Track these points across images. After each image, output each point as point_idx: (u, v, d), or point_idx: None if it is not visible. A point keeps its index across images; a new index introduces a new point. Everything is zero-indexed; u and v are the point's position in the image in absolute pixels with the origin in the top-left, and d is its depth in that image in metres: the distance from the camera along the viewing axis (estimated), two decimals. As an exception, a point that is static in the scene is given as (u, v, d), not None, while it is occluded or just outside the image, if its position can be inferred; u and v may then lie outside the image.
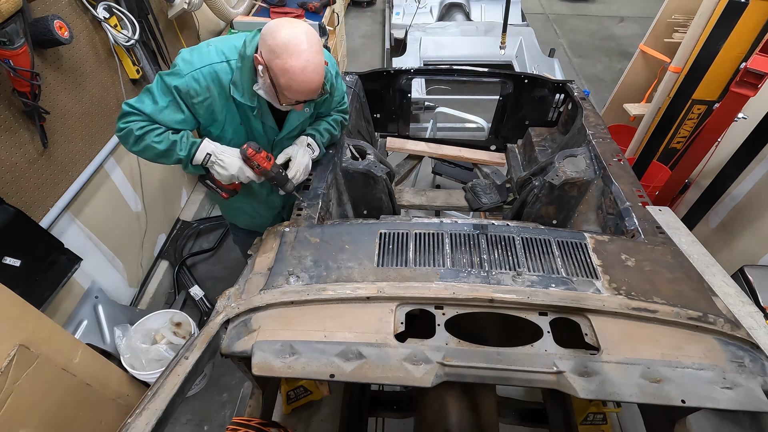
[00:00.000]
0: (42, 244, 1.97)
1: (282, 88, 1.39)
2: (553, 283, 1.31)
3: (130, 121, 1.47)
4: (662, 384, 1.09)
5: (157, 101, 1.47)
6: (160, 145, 1.49)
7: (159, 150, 1.50)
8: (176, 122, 1.52)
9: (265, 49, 1.36)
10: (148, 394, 1.09)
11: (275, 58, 1.34)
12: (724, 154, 2.56)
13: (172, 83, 1.46)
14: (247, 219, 2.11)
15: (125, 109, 1.48)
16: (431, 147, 2.92)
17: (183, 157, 1.54)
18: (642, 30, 4.53)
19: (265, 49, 1.36)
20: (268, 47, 1.35)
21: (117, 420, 1.98)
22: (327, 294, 1.28)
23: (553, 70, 4.38)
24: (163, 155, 1.53)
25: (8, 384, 1.47)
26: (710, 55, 2.58)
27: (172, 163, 1.58)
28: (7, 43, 1.65)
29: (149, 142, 1.48)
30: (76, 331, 2.25)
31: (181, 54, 1.49)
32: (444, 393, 1.65)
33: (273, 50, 1.34)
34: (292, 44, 1.32)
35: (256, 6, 3.94)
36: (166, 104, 1.48)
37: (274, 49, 1.33)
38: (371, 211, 2.20)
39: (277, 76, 1.37)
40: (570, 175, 1.92)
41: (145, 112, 1.47)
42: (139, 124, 1.47)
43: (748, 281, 2.28)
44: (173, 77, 1.46)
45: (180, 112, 1.51)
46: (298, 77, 1.35)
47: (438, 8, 5.58)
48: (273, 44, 1.33)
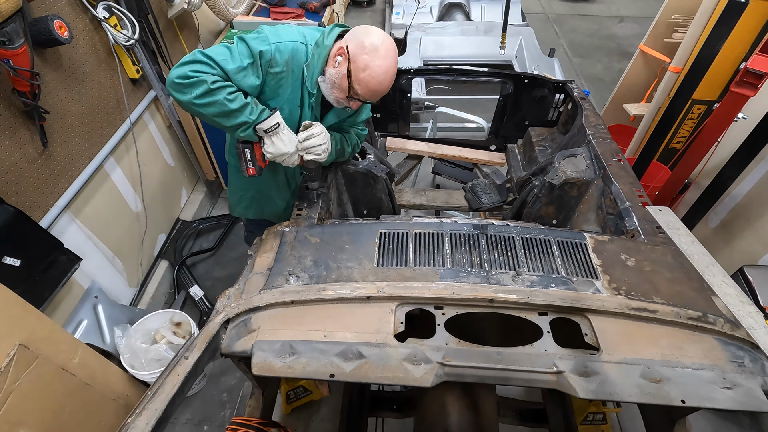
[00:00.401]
0: (42, 243, 1.96)
1: (358, 81, 1.48)
2: (553, 283, 1.31)
3: (203, 71, 1.41)
4: (662, 384, 1.09)
5: (238, 61, 1.46)
6: (232, 104, 1.45)
7: (229, 108, 1.46)
8: (249, 86, 1.51)
9: (354, 42, 1.46)
10: (148, 394, 1.09)
11: (363, 53, 1.44)
12: (724, 154, 2.56)
13: (257, 47, 1.47)
14: (259, 209, 2.12)
15: (199, 57, 1.42)
16: (431, 147, 2.92)
17: (251, 121, 1.51)
18: (642, 30, 4.53)
19: (354, 42, 1.46)
20: (359, 42, 1.46)
21: (117, 420, 1.98)
22: (327, 294, 1.28)
23: (553, 70, 4.38)
24: (229, 114, 1.48)
25: (8, 384, 1.47)
26: (710, 55, 2.58)
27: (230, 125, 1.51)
28: (7, 43, 1.65)
29: (221, 98, 1.43)
30: (75, 330, 2.25)
31: (264, 27, 1.54)
32: (444, 393, 1.65)
33: (364, 46, 1.45)
34: (382, 48, 1.45)
35: (256, 6, 3.94)
36: (246, 66, 1.47)
37: (365, 45, 1.45)
38: (371, 211, 2.20)
39: (359, 70, 1.46)
40: (570, 175, 1.92)
41: (225, 67, 1.44)
42: (213, 77, 1.42)
43: (747, 281, 2.28)
44: (260, 42, 1.48)
45: (256, 77, 1.51)
46: (378, 76, 1.47)
47: (438, 8, 5.57)
48: (366, 41, 1.45)
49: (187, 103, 1.44)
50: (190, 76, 1.40)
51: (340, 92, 1.55)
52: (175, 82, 1.41)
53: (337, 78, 1.52)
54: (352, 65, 1.46)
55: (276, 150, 1.59)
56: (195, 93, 1.42)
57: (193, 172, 3.56)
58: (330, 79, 1.54)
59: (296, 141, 1.61)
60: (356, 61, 1.45)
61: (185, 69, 1.40)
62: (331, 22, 4.16)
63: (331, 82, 1.54)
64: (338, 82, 1.52)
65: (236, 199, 2.11)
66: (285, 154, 1.61)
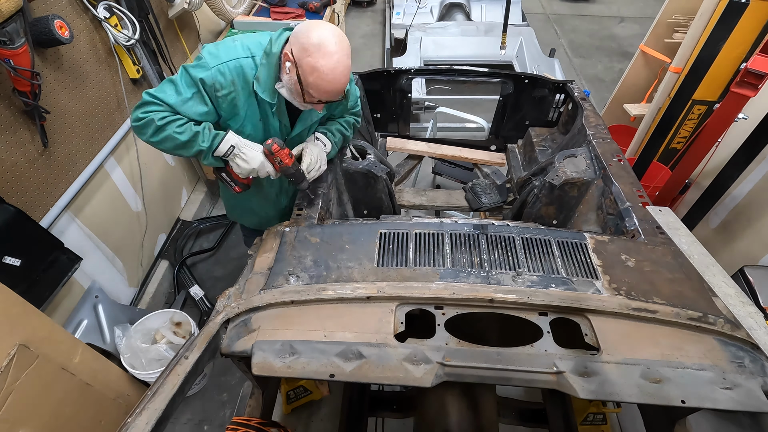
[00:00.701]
0: (42, 243, 1.97)
1: (309, 86, 1.42)
2: (553, 284, 1.31)
3: (150, 111, 1.45)
4: (662, 384, 1.09)
5: (181, 92, 1.47)
6: (181, 136, 1.48)
7: (180, 141, 1.48)
8: (199, 114, 1.51)
9: (296, 46, 1.39)
10: (148, 394, 1.09)
11: (306, 56, 1.37)
12: (724, 155, 2.56)
13: (197, 75, 1.45)
14: (254, 219, 2.12)
15: (146, 99, 1.46)
16: (431, 147, 2.91)
17: (205, 149, 1.53)
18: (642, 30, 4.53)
19: (296, 46, 1.39)
20: (300, 45, 1.38)
21: (117, 419, 1.98)
22: (327, 294, 1.28)
23: (553, 70, 4.38)
24: (183, 146, 1.51)
25: (8, 383, 1.47)
26: (710, 55, 2.57)
27: (190, 155, 1.55)
28: (8, 43, 1.65)
29: (171, 132, 1.46)
30: (76, 330, 2.25)
31: (207, 48, 1.51)
32: (444, 393, 1.65)
33: (305, 48, 1.37)
34: (324, 44, 1.36)
35: (256, 6, 3.94)
36: (190, 96, 1.48)
37: (306, 48, 1.37)
38: (371, 211, 2.20)
39: (306, 74, 1.39)
40: (570, 175, 1.92)
41: (168, 102, 1.46)
42: (161, 114, 1.45)
43: (748, 281, 2.28)
44: (199, 69, 1.46)
45: (203, 105, 1.51)
46: (327, 76, 1.39)
47: (438, 8, 5.57)
48: (306, 43, 1.37)
49: (147, 142, 1.51)
50: (141, 117, 1.46)
51: (299, 98, 1.50)
52: (133, 126, 1.50)
53: (291, 85, 1.47)
54: (299, 70, 1.40)
55: (242, 170, 1.61)
56: (148, 132, 1.47)
57: (193, 172, 3.57)
58: (286, 86, 1.49)
59: (260, 153, 1.60)
60: (302, 65, 1.38)
61: (136, 113, 1.47)
62: (332, 22, 4.16)
63: (287, 89, 1.50)
64: (293, 88, 1.47)
65: (230, 206, 2.17)
66: (253, 170, 1.61)
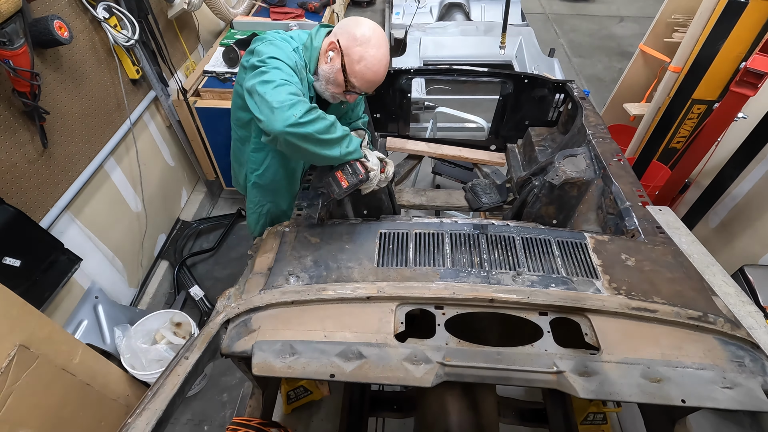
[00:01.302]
0: (42, 244, 1.96)
1: (354, 74, 1.47)
2: (553, 283, 1.31)
3: (295, 93, 1.32)
4: (662, 384, 1.09)
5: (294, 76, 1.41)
6: (338, 132, 1.39)
7: (336, 136, 1.39)
8: None
9: (345, 36, 1.44)
10: (149, 394, 1.09)
11: (356, 45, 1.43)
12: (723, 154, 2.56)
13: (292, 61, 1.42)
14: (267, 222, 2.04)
15: (291, 96, 1.30)
16: (431, 147, 2.91)
17: (353, 150, 1.45)
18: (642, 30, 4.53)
19: (345, 36, 1.44)
20: (350, 35, 1.44)
21: (117, 420, 1.98)
22: (327, 294, 1.28)
23: (553, 69, 4.37)
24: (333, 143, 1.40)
25: (8, 384, 1.47)
26: (710, 54, 2.57)
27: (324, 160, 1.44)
28: (7, 43, 1.65)
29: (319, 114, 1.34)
30: (76, 331, 2.25)
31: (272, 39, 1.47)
32: (444, 393, 1.65)
33: (356, 38, 1.43)
34: (375, 37, 1.44)
35: (256, 6, 3.94)
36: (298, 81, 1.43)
37: (357, 37, 1.43)
38: (371, 211, 2.20)
39: (354, 62, 1.44)
40: (570, 175, 1.92)
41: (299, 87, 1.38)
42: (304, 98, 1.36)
43: (748, 281, 2.28)
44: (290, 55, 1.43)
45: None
46: (374, 66, 1.46)
47: (438, 8, 5.57)
48: (357, 33, 1.43)
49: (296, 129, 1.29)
50: (311, 116, 1.31)
51: (336, 87, 1.53)
52: (279, 108, 1.28)
53: (331, 73, 1.50)
54: (345, 58, 1.45)
55: (374, 160, 1.54)
56: (321, 128, 1.33)
57: (193, 172, 3.56)
58: (324, 75, 1.52)
59: None
60: (350, 53, 1.44)
61: (304, 113, 1.29)
62: (332, 22, 4.17)
63: (325, 78, 1.53)
64: (333, 77, 1.50)
65: (255, 218, 1.98)
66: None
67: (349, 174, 1.50)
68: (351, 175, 1.50)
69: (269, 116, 1.29)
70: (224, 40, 3.40)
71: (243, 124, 1.74)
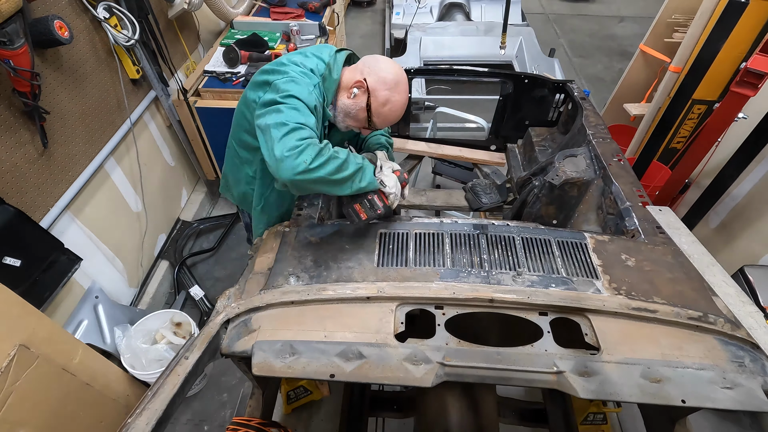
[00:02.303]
0: (42, 244, 1.97)
1: (378, 114, 1.49)
2: (553, 283, 1.31)
3: (307, 137, 1.29)
4: (662, 384, 1.09)
5: (311, 117, 1.36)
6: (350, 168, 1.37)
7: (348, 174, 1.36)
8: None
9: (374, 77, 1.46)
10: (149, 394, 1.09)
11: (384, 89, 1.45)
12: (724, 154, 2.56)
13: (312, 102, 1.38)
14: None
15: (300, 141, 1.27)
16: (431, 147, 2.91)
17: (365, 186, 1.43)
18: (642, 30, 4.53)
19: (374, 77, 1.46)
20: (379, 77, 1.45)
21: (117, 420, 1.98)
22: (327, 294, 1.28)
23: (553, 69, 4.38)
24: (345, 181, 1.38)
25: (8, 384, 1.47)
26: (710, 54, 2.57)
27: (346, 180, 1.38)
28: (7, 43, 1.65)
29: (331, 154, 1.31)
30: (76, 331, 2.25)
31: (294, 75, 1.41)
32: (444, 393, 1.65)
33: (385, 81, 1.45)
34: (401, 83, 1.48)
35: (256, 6, 3.94)
36: (315, 121, 1.39)
37: (386, 81, 1.45)
38: (371, 211, 2.20)
39: (380, 104, 1.47)
40: (570, 175, 1.92)
41: (311, 126, 1.33)
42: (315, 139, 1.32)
43: (748, 281, 2.28)
44: (311, 96, 1.38)
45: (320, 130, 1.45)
46: (397, 111, 1.50)
47: (438, 8, 5.57)
48: (385, 76, 1.45)
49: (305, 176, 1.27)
50: (296, 145, 1.27)
51: (355, 122, 1.53)
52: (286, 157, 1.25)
53: (353, 109, 1.49)
54: (372, 99, 1.46)
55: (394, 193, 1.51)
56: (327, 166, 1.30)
57: (193, 172, 3.57)
58: (344, 110, 1.51)
59: None
60: (377, 96, 1.46)
61: (290, 140, 1.27)
62: (332, 22, 4.16)
63: (344, 112, 1.52)
64: (355, 113, 1.50)
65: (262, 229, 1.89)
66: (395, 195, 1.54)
67: (367, 208, 1.49)
68: (369, 210, 1.49)
69: (277, 164, 1.27)
70: (224, 40, 3.40)
71: (248, 148, 1.68)
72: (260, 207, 1.79)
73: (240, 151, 1.73)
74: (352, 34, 6.35)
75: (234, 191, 1.92)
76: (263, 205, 1.78)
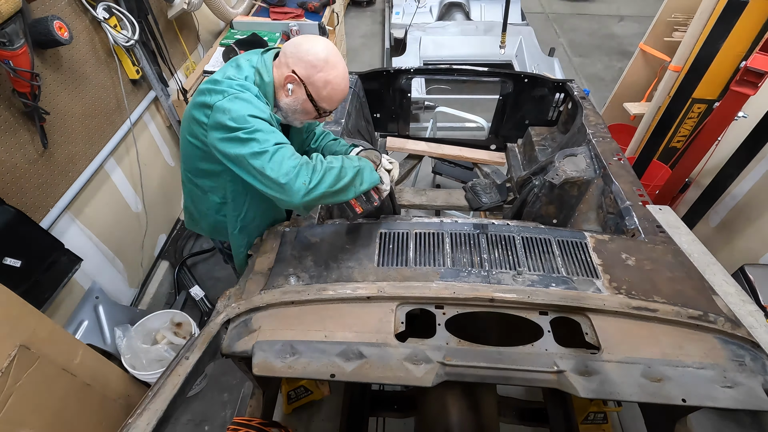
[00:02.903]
0: (42, 244, 1.96)
1: (322, 99, 1.41)
2: (554, 283, 1.31)
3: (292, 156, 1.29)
4: (663, 383, 1.09)
5: (277, 134, 1.33)
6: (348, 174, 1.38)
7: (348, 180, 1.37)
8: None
9: (301, 65, 1.37)
10: (149, 394, 1.09)
11: (317, 72, 1.37)
12: (724, 153, 2.56)
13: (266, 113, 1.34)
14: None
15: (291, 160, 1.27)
16: (431, 146, 2.92)
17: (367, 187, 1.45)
18: (642, 29, 4.53)
19: (301, 65, 1.37)
20: (306, 62, 1.36)
21: (118, 420, 1.98)
22: (327, 294, 1.28)
23: (553, 69, 4.38)
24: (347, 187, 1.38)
25: (9, 384, 1.47)
26: (710, 53, 2.57)
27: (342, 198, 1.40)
28: (7, 44, 1.65)
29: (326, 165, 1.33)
30: (76, 331, 2.25)
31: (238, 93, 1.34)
32: (444, 393, 1.65)
33: (314, 64, 1.36)
34: (331, 57, 1.38)
35: (256, 6, 3.94)
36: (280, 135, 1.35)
37: (315, 64, 1.36)
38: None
39: (320, 89, 1.39)
40: (570, 174, 1.92)
41: (284, 142, 1.32)
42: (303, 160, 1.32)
43: (748, 280, 2.28)
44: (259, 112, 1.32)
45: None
46: (339, 86, 1.41)
47: (438, 8, 5.57)
48: (313, 60, 1.36)
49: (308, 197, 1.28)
50: (291, 168, 1.27)
51: (306, 115, 1.47)
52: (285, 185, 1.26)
53: (297, 104, 1.43)
54: (310, 87, 1.38)
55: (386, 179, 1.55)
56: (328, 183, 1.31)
57: (193, 172, 3.56)
58: (289, 108, 1.44)
59: None
60: (313, 82, 1.37)
61: (283, 167, 1.26)
62: (331, 22, 4.16)
63: (291, 110, 1.45)
64: (300, 107, 1.43)
65: (243, 258, 1.77)
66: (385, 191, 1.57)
67: (363, 201, 1.50)
68: (365, 203, 1.50)
69: (282, 193, 1.27)
70: (224, 40, 3.40)
71: (208, 176, 1.57)
72: (237, 230, 1.68)
73: (199, 181, 1.61)
74: (351, 34, 6.35)
75: (203, 224, 1.80)
76: (240, 227, 1.67)
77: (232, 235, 1.70)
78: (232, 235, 1.70)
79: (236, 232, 1.68)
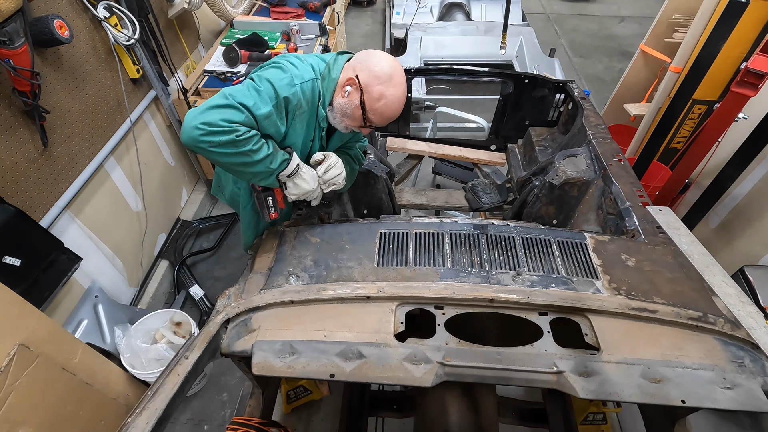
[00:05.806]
0: (42, 243, 1.96)
1: (373, 111, 1.45)
2: (553, 283, 1.31)
3: (235, 121, 1.29)
4: (662, 384, 1.09)
5: (268, 105, 1.37)
6: (256, 155, 1.37)
7: (251, 159, 1.37)
8: (273, 132, 1.44)
9: (366, 72, 1.42)
10: (148, 394, 1.09)
11: (378, 84, 1.41)
12: (724, 154, 2.56)
13: (283, 93, 1.38)
14: None
15: (230, 102, 1.30)
16: (431, 147, 2.92)
17: (272, 170, 1.45)
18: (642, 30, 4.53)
19: (366, 72, 1.42)
20: (371, 72, 1.41)
21: (117, 419, 1.98)
22: (327, 294, 1.28)
23: (553, 69, 4.38)
24: (250, 165, 1.39)
25: (8, 383, 1.47)
26: (711, 55, 2.57)
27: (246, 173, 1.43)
28: (8, 43, 1.65)
29: (247, 148, 1.34)
30: (76, 330, 2.25)
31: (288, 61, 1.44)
32: (444, 393, 1.65)
33: (377, 76, 1.41)
34: (396, 75, 1.43)
35: (256, 5, 3.94)
36: (269, 111, 1.38)
37: (378, 75, 1.41)
38: (371, 210, 2.20)
39: (374, 100, 1.42)
40: (570, 175, 1.92)
41: (256, 113, 1.34)
42: (244, 128, 1.32)
43: (748, 281, 2.28)
44: (285, 87, 1.39)
45: (282, 123, 1.44)
46: (393, 105, 1.45)
47: (438, 8, 5.57)
48: (378, 71, 1.41)
49: (204, 149, 1.31)
50: (224, 126, 1.28)
51: (352, 121, 1.50)
52: (198, 128, 1.27)
53: (348, 108, 1.46)
54: (365, 95, 1.42)
55: (300, 190, 1.54)
56: (218, 139, 1.30)
57: (193, 171, 3.56)
58: (340, 109, 1.48)
59: (316, 176, 1.57)
60: (370, 91, 1.41)
61: (215, 116, 1.28)
62: (332, 22, 4.16)
63: (341, 111, 1.49)
64: (350, 112, 1.47)
65: (250, 235, 1.88)
66: (308, 192, 1.56)
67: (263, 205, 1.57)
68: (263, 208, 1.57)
69: (183, 126, 1.32)
70: (225, 39, 3.40)
71: None
72: (249, 206, 1.75)
73: None
74: (352, 33, 6.35)
75: (225, 191, 1.90)
76: (252, 204, 1.73)
77: (244, 210, 1.78)
78: (244, 210, 1.78)
79: (248, 208, 1.77)
